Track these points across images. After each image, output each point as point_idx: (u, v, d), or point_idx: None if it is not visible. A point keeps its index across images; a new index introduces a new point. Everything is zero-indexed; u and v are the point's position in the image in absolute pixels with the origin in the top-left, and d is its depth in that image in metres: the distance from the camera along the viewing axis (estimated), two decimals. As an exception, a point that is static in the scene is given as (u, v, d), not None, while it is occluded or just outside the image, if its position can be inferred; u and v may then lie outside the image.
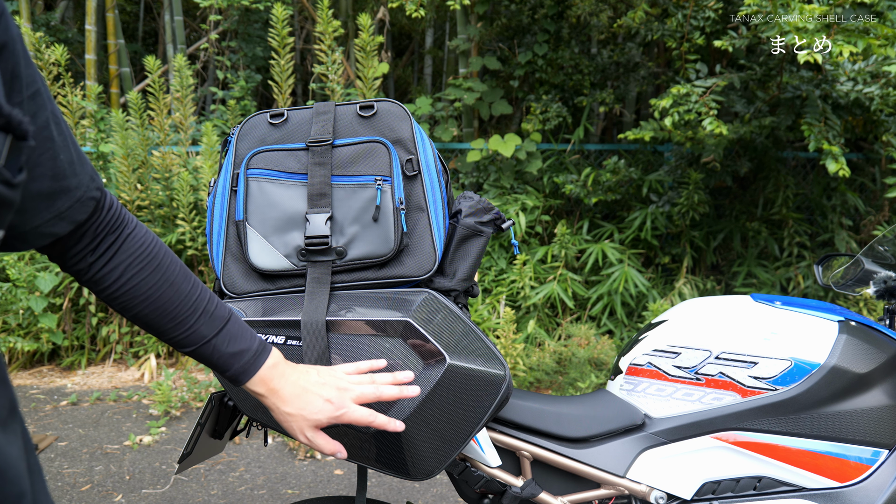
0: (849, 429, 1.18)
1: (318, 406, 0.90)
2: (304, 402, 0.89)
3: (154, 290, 0.80)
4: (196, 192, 3.87)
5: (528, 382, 3.49)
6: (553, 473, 1.27)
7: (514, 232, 2.37)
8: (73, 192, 0.69)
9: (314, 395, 0.90)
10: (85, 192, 0.70)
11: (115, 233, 0.78)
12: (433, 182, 1.10)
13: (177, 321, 0.82)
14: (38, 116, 0.61)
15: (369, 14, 4.07)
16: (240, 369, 0.87)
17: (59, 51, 3.96)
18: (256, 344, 0.88)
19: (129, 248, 0.79)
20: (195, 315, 0.84)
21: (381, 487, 2.58)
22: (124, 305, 0.81)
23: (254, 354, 0.88)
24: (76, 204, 0.70)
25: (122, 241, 0.79)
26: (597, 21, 4.45)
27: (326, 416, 0.90)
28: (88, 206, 0.72)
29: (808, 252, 4.36)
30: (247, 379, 0.88)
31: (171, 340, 0.84)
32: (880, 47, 2.73)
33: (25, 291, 3.74)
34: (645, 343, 1.33)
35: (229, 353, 0.86)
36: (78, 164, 0.69)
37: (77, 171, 0.69)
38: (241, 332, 0.88)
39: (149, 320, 0.82)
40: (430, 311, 1.03)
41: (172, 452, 2.91)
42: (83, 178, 0.70)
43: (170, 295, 0.81)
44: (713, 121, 3.21)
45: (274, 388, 0.89)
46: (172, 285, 0.82)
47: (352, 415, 0.90)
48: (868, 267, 1.53)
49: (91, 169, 0.72)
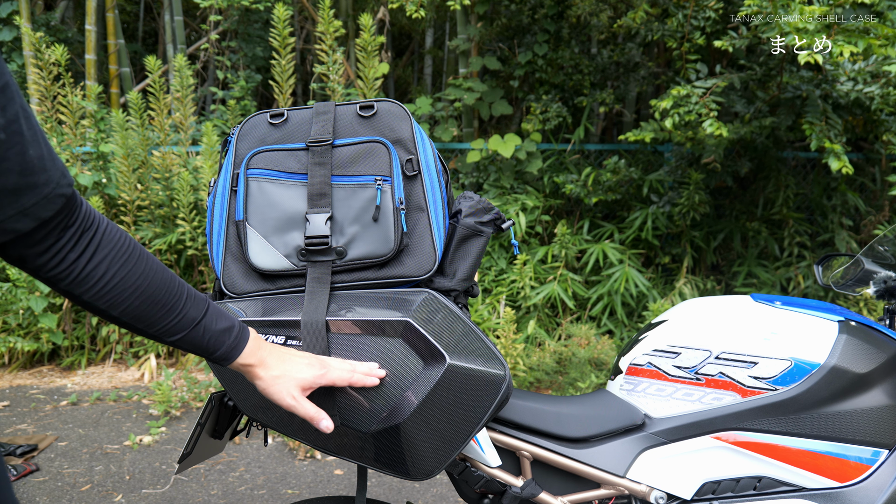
0: (849, 429, 1.18)
1: (303, 367, 0.95)
2: (290, 364, 0.95)
3: (142, 279, 0.80)
4: (196, 192, 3.87)
5: (528, 382, 3.49)
6: (553, 473, 1.27)
7: (514, 232, 2.37)
8: (41, 188, 0.67)
9: (297, 359, 0.96)
10: (54, 188, 0.69)
11: (92, 229, 0.77)
12: (433, 182, 1.10)
13: (167, 307, 0.83)
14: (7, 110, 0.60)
15: (370, 14, 4.07)
16: (231, 344, 0.89)
17: (59, 51, 3.96)
18: (236, 320, 0.92)
19: (108, 243, 0.78)
20: (182, 299, 0.84)
21: (381, 487, 2.58)
22: (113, 302, 0.79)
23: (239, 329, 0.91)
24: (42, 200, 0.68)
25: (101, 236, 0.78)
26: (597, 21, 4.45)
27: (311, 374, 0.95)
28: (56, 203, 0.70)
29: (809, 252, 4.36)
30: (238, 353, 0.90)
31: (160, 330, 0.84)
32: (880, 47, 2.73)
33: (25, 291, 3.74)
34: (645, 343, 1.33)
35: (219, 329, 0.88)
36: (49, 159, 0.67)
37: (47, 167, 0.67)
38: (222, 311, 0.90)
39: (139, 313, 0.81)
40: (430, 311, 1.03)
41: (172, 452, 2.91)
42: (53, 175, 0.68)
43: (158, 282, 0.82)
44: (714, 122, 3.21)
45: (262, 357, 0.93)
46: (157, 273, 0.82)
47: (333, 373, 0.96)
48: (868, 267, 1.53)
49: (62, 165, 0.70)
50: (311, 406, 0.95)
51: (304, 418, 0.96)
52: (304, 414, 0.95)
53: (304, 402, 0.95)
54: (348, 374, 0.97)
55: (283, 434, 1.12)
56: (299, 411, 0.95)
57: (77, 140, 4.09)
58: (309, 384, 0.95)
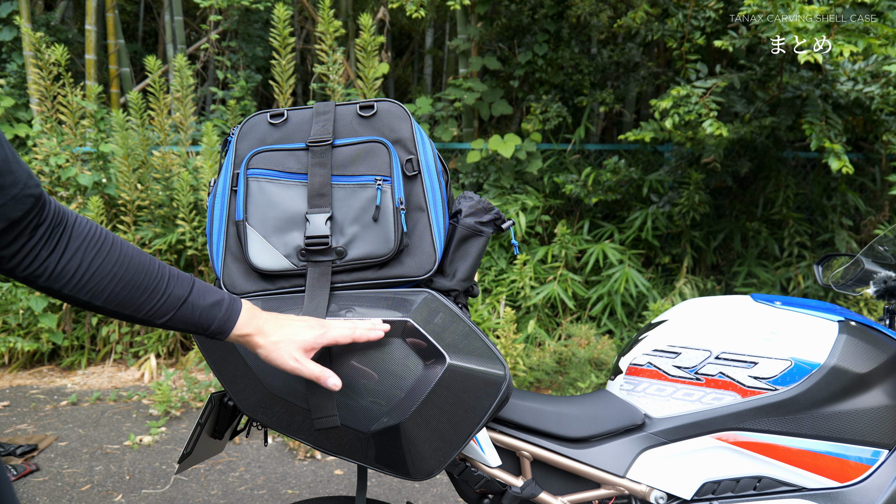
0: (849, 429, 1.18)
1: (302, 328, 0.94)
2: (289, 328, 0.94)
3: (119, 265, 0.81)
4: (196, 192, 3.87)
5: (528, 382, 3.49)
6: (553, 473, 1.27)
7: (514, 232, 2.37)
8: (9, 189, 0.69)
9: (295, 322, 0.95)
10: (22, 189, 0.71)
11: (62, 225, 0.79)
12: (433, 182, 1.10)
13: (150, 290, 0.83)
14: None
15: (369, 14, 4.07)
16: (224, 317, 0.89)
17: (59, 51, 3.96)
18: (226, 293, 0.91)
19: (79, 235, 0.80)
20: (164, 279, 0.85)
21: (381, 487, 2.58)
22: (94, 292, 0.80)
23: (230, 300, 0.90)
24: (10, 201, 0.70)
25: (71, 229, 0.80)
26: (597, 21, 4.45)
27: (312, 335, 0.94)
28: (25, 204, 0.72)
29: (809, 252, 4.36)
30: (232, 325, 0.89)
31: (147, 313, 0.84)
32: (880, 47, 2.73)
33: (25, 291, 3.74)
34: (645, 343, 1.33)
35: (209, 304, 0.88)
36: (14, 162, 0.70)
37: (13, 169, 0.69)
38: (208, 287, 0.90)
39: (121, 298, 0.82)
40: (430, 311, 1.03)
41: (172, 452, 2.91)
42: (20, 176, 0.71)
43: (135, 266, 0.82)
44: (714, 122, 3.21)
45: (259, 326, 0.92)
46: (133, 258, 0.83)
47: (333, 331, 0.96)
48: (868, 267, 1.53)
49: (27, 168, 0.73)
50: (314, 366, 0.94)
51: (311, 378, 0.94)
52: (310, 374, 0.94)
53: (308, 362, 0.94)
54: (349, 331, 0.96)
55: (283, 434, 1.12)
56: (304, 372, 0.93)
57: (77, 140, 4.09)
58: (310, 345, 0.94)
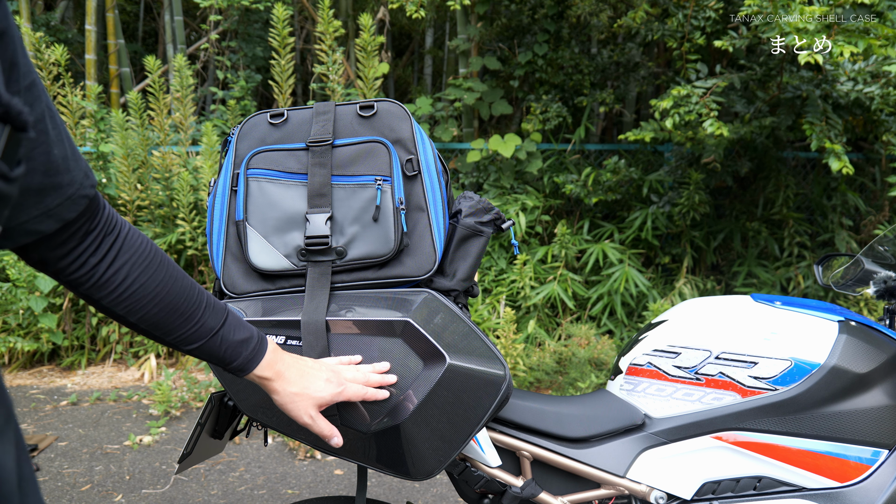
0: (849, 429, 1.18)
1: (321, 385, 0.94)
2: (308, 381, 0.93)
3: (162, 286, 0.79)
4: (196, 192, 3.87)
5: (528, 382, 3.49)
6: (553, 473, 1.27)
7: (514, 232, 2.37)
8: (65, 188, 0.65)
9: (315, 375, 0.94)
10: (78, 189, 0.67)
11: (114, 233, 0.76)
12: (433, 182, 1.10)
13: (185, 316, 0.81)
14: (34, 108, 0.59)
15: (369, 14, 4.07)
16: (249, 356, 0.88)
17: (59, 51, 3.96)
18: (255, 331, 0.90)
19: (130, 248, 0.77)
20: (201, 307, 0.83)
21: (381, 487, 2.58)
22: (130, 308, 0.78)
23: (258, 340, 0.90)
24: (66, 201, 0.66)
25: (122, 240, 0.76)
26: (597, 21, 4.45)
27: (329, 393, 0.94)
28: (80, 205, 0.68)
29: (809, 252, 4.36)
30: (255, 365, 0.89)
31: (177, 338, 0.82)
32: (880, 47, 2.73)
33: (25, 291, 3.74)
34: (645, 343, 1.33)
35: (237, 340, 0.87)
36: (72, 160, 0.66)
37: (71, 168, 0.65)
38: (241, 321, 0.89)
39: (157, 320, 0.80)
40: (430, 311, 1.03)
41: (172, 452, 2.91)
42: (76, 175, 0.67)
43: (177, 290, 0.80)
44: (714, 122, 3.21)
45: (280, 371, 0.91)
46: (177, 280, 0.81)
47: (349, 391, 0.96)
48: (868, 267, 1.53)
49: (86, 166, 0.69)
50: (325, 424, 0.97)
51: (319, 435, 0.97)
52: (319, 432, 0.96)
53: (321, 420, 0.96)
54: (363, 391, 0.98)
55: (283, 434, 1.12)
56: (314, 430, 0.96)
57: (77, 140, 4.08)
58: (327, 403, 0.95)
